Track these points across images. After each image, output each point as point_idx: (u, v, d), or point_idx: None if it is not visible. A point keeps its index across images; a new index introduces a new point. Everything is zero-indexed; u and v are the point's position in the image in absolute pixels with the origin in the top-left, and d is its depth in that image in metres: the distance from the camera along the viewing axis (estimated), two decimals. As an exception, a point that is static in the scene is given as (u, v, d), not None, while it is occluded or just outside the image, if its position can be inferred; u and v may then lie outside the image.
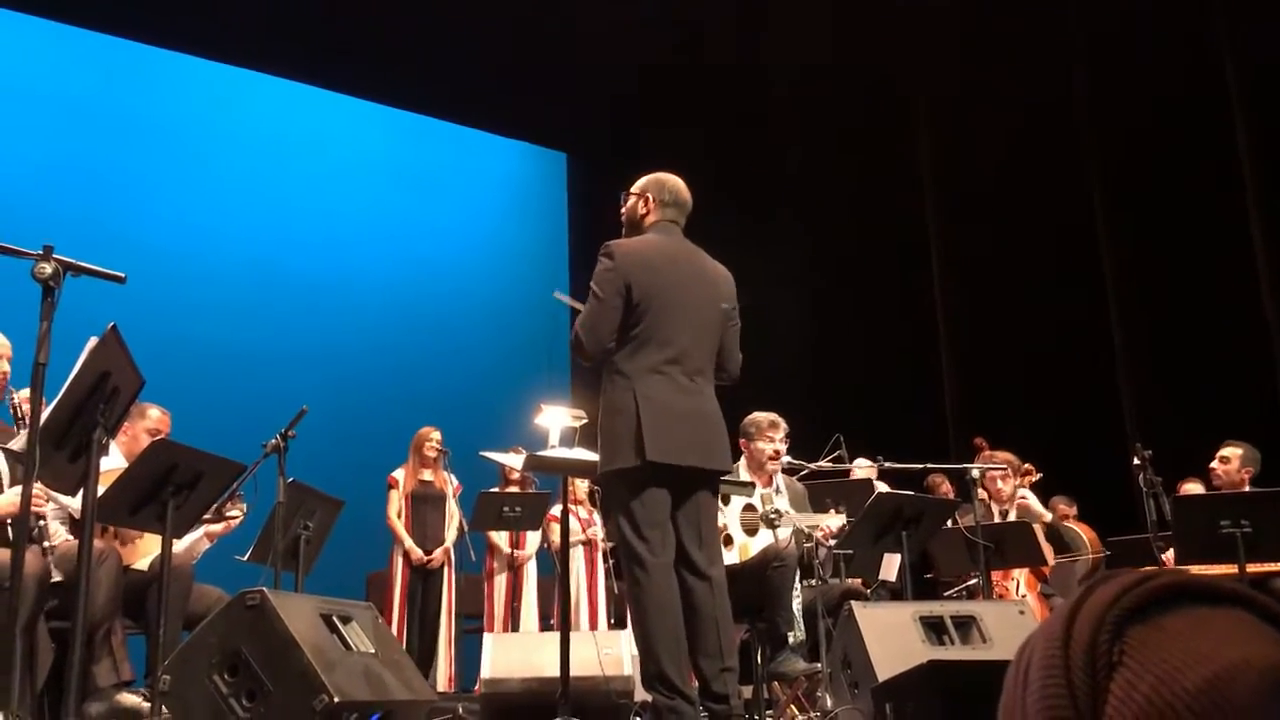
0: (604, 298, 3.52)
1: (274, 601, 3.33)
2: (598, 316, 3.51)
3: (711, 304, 3.68)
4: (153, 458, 3.61)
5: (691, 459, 3.49)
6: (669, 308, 3.54)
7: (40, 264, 2.68)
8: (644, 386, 3.46)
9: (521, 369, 9.25)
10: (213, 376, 7.71)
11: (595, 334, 3.51)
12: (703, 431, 3.54)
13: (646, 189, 3.79)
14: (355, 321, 9.02)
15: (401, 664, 3.79)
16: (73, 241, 2.92)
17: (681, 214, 3.77)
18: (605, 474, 3.51)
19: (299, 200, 9.14)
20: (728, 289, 3.77)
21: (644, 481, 3.44)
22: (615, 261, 3.56)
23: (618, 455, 3.45)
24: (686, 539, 3.53)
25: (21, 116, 8.00)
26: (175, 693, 3.24)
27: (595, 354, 3.53)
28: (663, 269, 3.59)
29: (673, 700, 3.34)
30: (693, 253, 3.74)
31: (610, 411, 3.51)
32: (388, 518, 6.64)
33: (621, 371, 3.52)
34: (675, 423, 3.46)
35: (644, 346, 3.50)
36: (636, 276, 3.52)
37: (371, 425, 7.85)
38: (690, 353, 3.57)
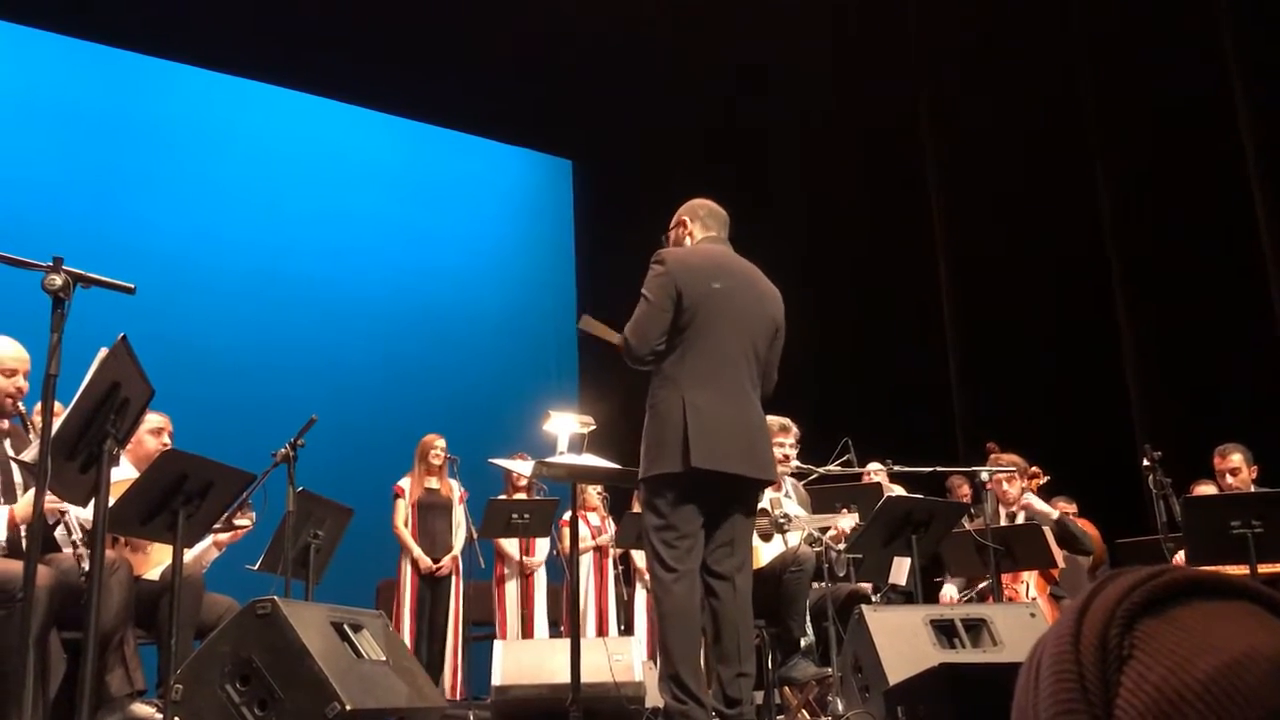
0: (654, 302, 3.54)
1: (285, 610, 3.34)
2: (647, 320, 3.54)
3: (760, 316, 3.70)
4: (163, 467, 3.62)
5: (736, 467, 3.50)
6: (718, 315, 3.56)
7: (50, 276, 2.69)
8: (691, 393, 3.48)
9: (529, 376, 9.26)
10: (222, 386, 7.73)
11: (643, 337, 3.54)
12: (748, 439, 3.56)
13: (682, 216, 3.84)
14: (363, 330, 9.04)
15: (412, 672, 3.80)
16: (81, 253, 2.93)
17: (723, 228, 3.81)
18: (647, 478, 3.52)
19: (307, 210, 9.17)
20: (776, 306, 3.80)
21: (685, 487, 3.46)
22: (666, 266, 3.58)
23: (661, 460, 3.47)
24: (719, 544, 3.54)
25: (29, 129, 8.03)
26: (188, 702, 3.26)
27: (643, 357, 3.56)
28: (713, 277, 3.62)
29: (685, 704, 3.35)
30: (744, 265, 3.77)
31: (656, 416, 3.52)
32: (395, 526, 6.65)
33: (669, 377, 3.53)
34: (721, 430, 3.47)
35: (691, 352, 3.52)
36: (687, 282, 3.55)
37: (380, 434, 7.87)
38: (738, 361, 3.59)
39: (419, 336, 9.28)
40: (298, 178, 9.21)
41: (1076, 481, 6.93)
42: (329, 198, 9.32)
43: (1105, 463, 7.48)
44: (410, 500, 6.70)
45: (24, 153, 7.95)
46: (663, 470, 3.46)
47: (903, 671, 3.46)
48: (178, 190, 8.61)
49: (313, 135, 9.45)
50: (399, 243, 9.57)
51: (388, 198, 9.66)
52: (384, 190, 9.67)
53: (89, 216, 7.84)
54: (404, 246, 9.58)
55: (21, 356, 3.87)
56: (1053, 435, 7.36)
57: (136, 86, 8.61)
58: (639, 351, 3.55)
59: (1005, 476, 5.90)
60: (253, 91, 9.15)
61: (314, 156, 9.38)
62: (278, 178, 9.11)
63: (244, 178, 8.94)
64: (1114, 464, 7.37)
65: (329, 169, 9.41)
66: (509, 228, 10.39)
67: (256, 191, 8.96)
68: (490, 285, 9.91)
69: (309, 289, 8.92)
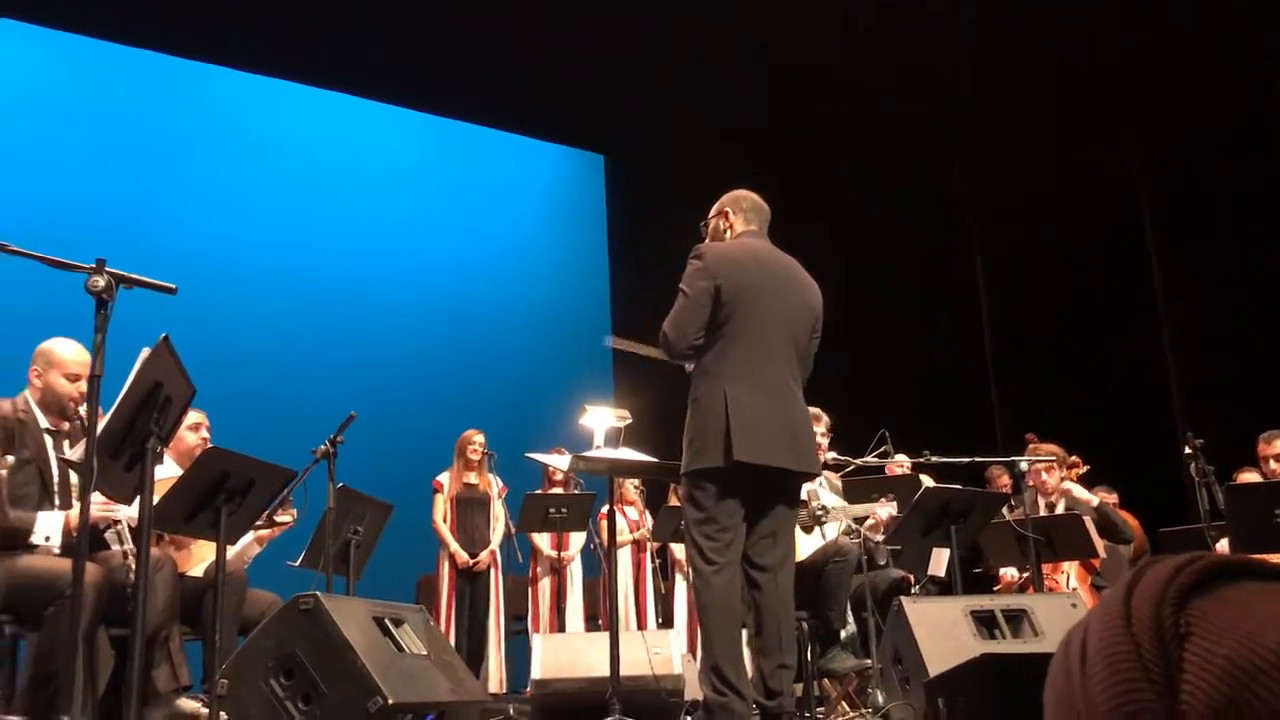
0: (692, 296, 3.54)
1: (327, 605, 3.38)
2: (685, 315, 3.55)
3: (800, 309, 3.70)
4: (205, 465, 3.67)
5: (779, 459, 3.50)
6: (758, 309, 3.56)
7: (94, 277, 2.73)
8: (733, 386, 3.48)
9: (563, 371, 9.28)
10: (261, 384, 7.81)
11: (682, 332, 3.54)
12: (790, 432, 3.56)
13: (724, 206, 3.84)
14: (399, 328, 9.10)
15: (453, 665, 3.83)
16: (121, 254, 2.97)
17: (763, 222, 3.81)
18: (689, 472, 3.52)
19: (341, 209, 9.24)
20: (815, 299, 3.79)
21: (727, 481, 3.46)
22: (705, 261, 3.59)
23: (703, 454, 3.47)
24: (761, 537, 3.55)
25: (69, 134, 8.14)
26: (233, 696, 3.30)
27: (681, 352, 3.56)
28: (752, 270, 3.61)
29: (725, 697, 3.36)
30: (783, 258, 3.77)
31: (698, 410, 3.53)
32: (433, 521, 6.69)
33: (710, 371, 3.54)
34: (763, 423, 3.47)
35: (732, 346, 3.53)
36: (726, 276, 3.55)
37: (417, 430, 7.91)
38: (778, 354, 3.60)
39: (454, 333, 9.32)
40: (331, 177, 9.28)
41: (1117, 471, 6.87)
42: (363, 197, 9.38)
43: (1146, 451, 7.40)
44: (449, 495, 6.74)
45: (64, 157, 8.06)
46: (705, 464, 3.47)
47: (943, 663, 3.44)
48: (212, 191, 8.70)
49: (345, 134, 9.52)
50: (433, 240, 9.62)
51: (420, 196, 9.72)
52: (416, 188, 9.73)
53: (127, 219, 7.93)
54: (437, 244, 9.63)
55: (85, 360, 3.94)
56: (1093, 424, 7.29)
57: (172, 89, 8.71)
58: (678, 346, 3.56)
59: (1044, 466, 5.85)
60: (285, 91, 9.23)
61: (347, 156, 9.44)
62: (311, 177, 9.18)
63: (278, 178, 9.02)
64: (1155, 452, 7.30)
65: (362, 168, 9.47)
66: (541, 223, 10.41)
67: (290, 191, 9.03)
68: (524, 281, 9.94)
69: (345, 288, 8.98)
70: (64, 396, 3.85)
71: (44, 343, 3.97)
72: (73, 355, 3.89)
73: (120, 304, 2.82)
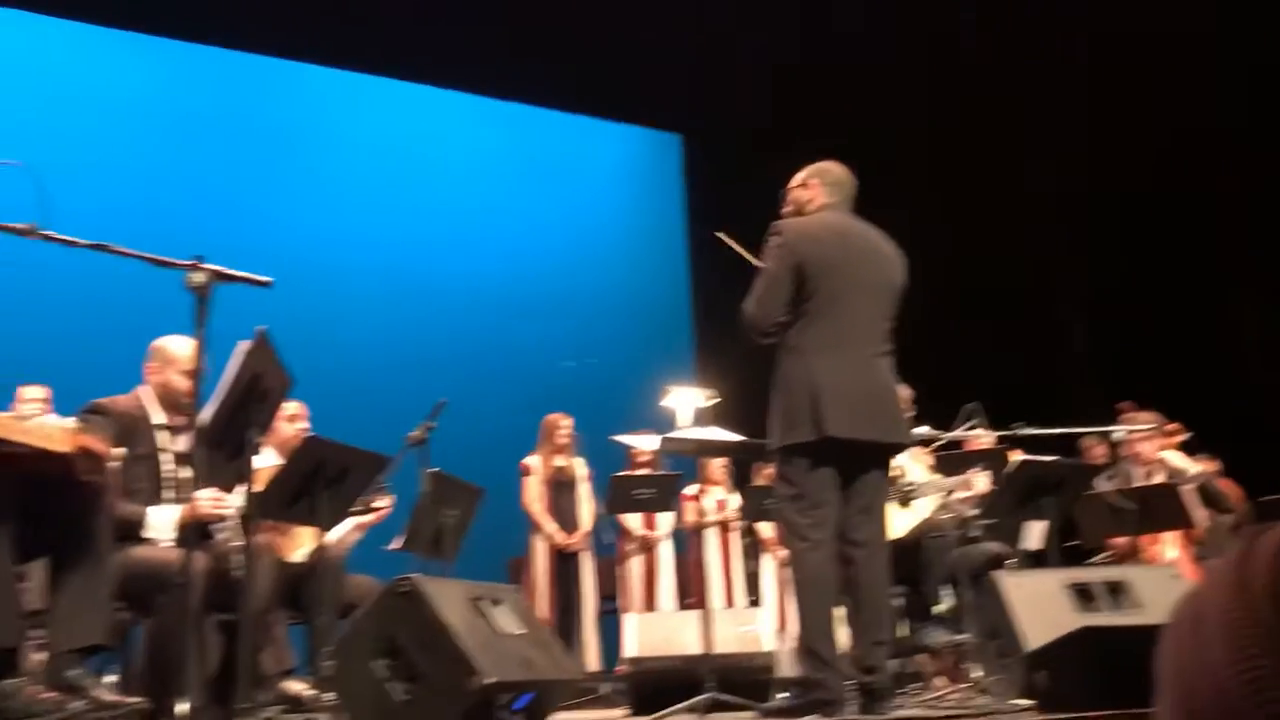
0: (773, 273, 3.55)
1: (425, 588, 3.44)
2: (767, 293, 3.55)
3: (884, 280, 3.68)
4: (303, 454, 3.76)
5: (869, 433, 3.49)
6: (842, 282, 3.55)
7: (192, 274, 2.82)
8: (820, 361, 3.48)
9: (644, 353, 9.29)
10: (354, 374, 7.94)
11: (765, 310, 3.55)
12: (880, 404, 3.55)
13: (808, 177, 3.81)
14: (481, 316, 9.18)
15: (550, 644, 3.88)
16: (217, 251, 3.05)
17: (847, 195, 3.78)
18: (778, 449, 3.53)
19: (418, 201, 9.35)
20: (898, 269, 3.76)
21: (818, 457, 3.46)
22: (785, 238, 3.58)
23: (793, 430, 3.48)
24: (855, 512, 3.55)
25: (162, 137, 8.38)
26: (339, 678, 3.39)
27: (764, 329, 3.56)
28: (834, 245, 3.60)
29: (820, 674, 3.37)
30: (865, 230, 3.75)
31: (785, 387, 3.53)
32: (526, 504, 6.76)
33: (795, 347, 3.54)
34: (853, 396, 3.46)
35: (818, 321, 3.52)
36: (808, 252, 3.54)
37: (503, 415, 7.98)
38: (865, 326, 3.59)
39: (535, 318, 9.39)
40: (408, 169, 9.40)
41: (1217, 439, 6.69)
42: (439, 187, 9.49)
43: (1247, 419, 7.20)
44: (539, 478, 6.81)
45: (160, 159, 8.30)
46: (795, 440, 3.47)
47: (1041, 636, 3.40)
48: (298, 187, 8.87)
49: (421, 125, 9.63)
50: (511, 228, 9.69)
51: (496, 184, 9.78)
52: (493, 176, 9.80)
53: (219, 216, 8.14)
54: (516, 232, 9.69)
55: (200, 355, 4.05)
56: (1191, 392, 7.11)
57: (250, 88, 8.91)
58: (761, 325, 3.56)
59: (1141, 436, 5.72)
60: (361, 84, 9.37)
61: (423, 146, 9.55)
62: (389, 170, 9.31)
63: (358, 172, 9.16)
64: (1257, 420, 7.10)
65: (437, 158, 9.58)
66: (619, 206, 10.43)
67: (370, 185, 9.17)
68: (602, 265, 9.97)
69: (427, 278, 9.10)
70: (180, 392, 3.95)
71: (158, 340, 4.07)
72: (188, 351, 4.00)
73: (220, 299, 2.90)
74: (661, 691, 4.35)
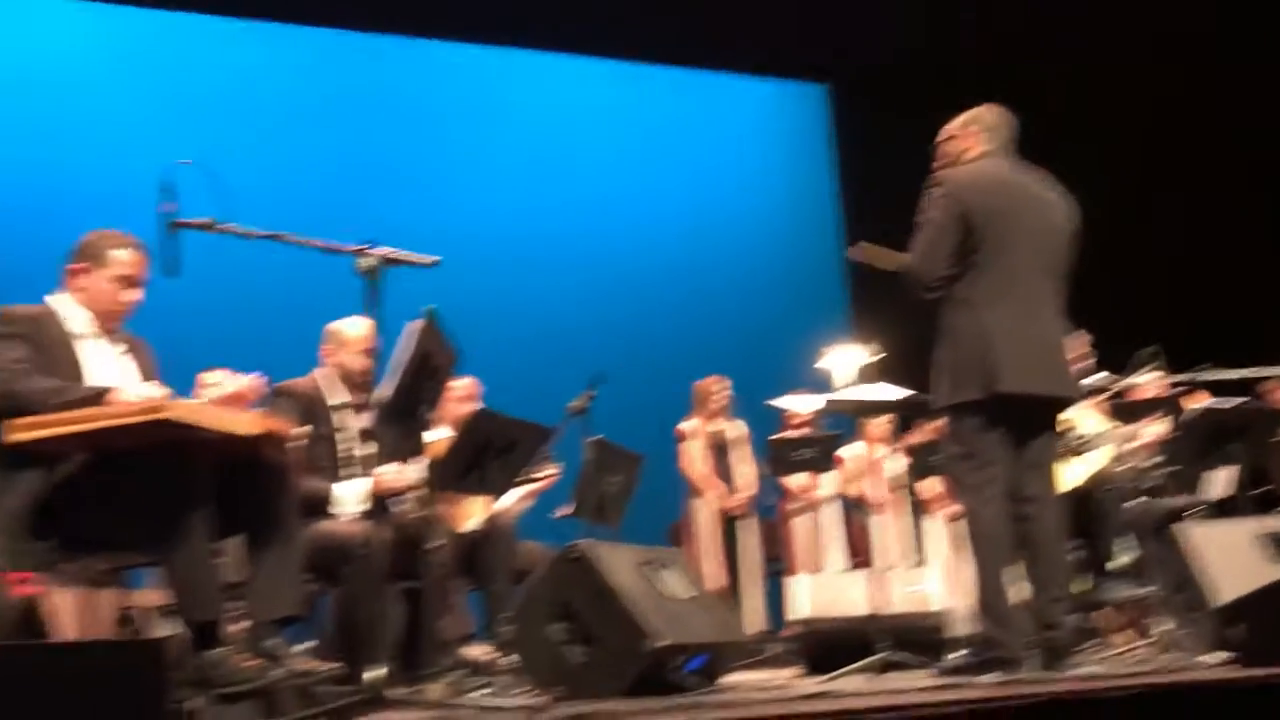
0: (936, 226, 3.47)
1: (594, 554, 3.52)
2: (931, 246, 3.47)
3: (1053, 227, 3.56)
4: (473, 428, 3.86)
5: (1041, 387, 3.41)
6: (1008, 231, 3.44)
7: (362, 258, 2.91)
8: (989, 314, 3.39)
9: (797, 313, 9.21)
10: (513, 346, 8.10)
11: (929, 264, 3.47)
12: (1050, 358, 3.46)
13: (961, 127, 3.70)
14: (632, 284, 9.21)
15: (718, 608, 3.92)
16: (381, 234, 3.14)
17: (1006, 140, 3.65)
18: (947, 407, 3.47)
19: (565, 170, 9.42)
20: (1068, 214, 3.63)
21: (988, 415, 3.39)
22: (946, 189, 3.49)
23: (962, 388, 3.41)
24: (1026, 468, 3.47)
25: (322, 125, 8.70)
26: (517, 642, 3.49)
27: (929, 284, 3.49)
28: (998, 192, 3.49)
29: (998, 631, 3.31)
30: (1029, 175, 3.62)
31: (952, 341, 3.46)
32: (686, 468, 6.80)
33: (962, 300, 3.46)
34: (1023, 350, 3.38)
35: (985, 273, 3.43)
36: (971, 202, 3.45)
37: (658, 381, 8.01)
38: (1034, 276, 3.48)
39: (686, 282, 9.38)
40: (552, 140, 9.47)
41: None
42: (585, 157, 9.54)
43: None
44: (697, 442, 6.83)
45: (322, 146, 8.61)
46: (964, 397, 3.39)
47: (1235, 589, 3.26)
48: (446, 165, 9.06)
49: (564, 95, 9.70)
50: (658, 193, 9.68)
51: (642, 149, 9.78)
52: (637, 142, 9.80)
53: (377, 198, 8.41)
54: (663, 196, 9.68)
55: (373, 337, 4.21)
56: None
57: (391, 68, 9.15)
58: (926, 279, 3.47)
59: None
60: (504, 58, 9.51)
61: (566, 117, 9.61)
62: (537, 142, 9.41)
63: (503, 146, 9.29)
64: None
65: (581, 127, 9.62)
66: (764, 163, 10.29)
67: (520, 158, 9.30)
68: (751, 224, 9.88)
69: (577, 249, 9.19)
70: (356, 373, 4.12)
71: (333, 322, 4.26)
72: (362, 333, 4.17)
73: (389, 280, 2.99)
74: (832, 652, 4.33)
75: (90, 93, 8.13)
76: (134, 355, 3.26)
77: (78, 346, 3.09)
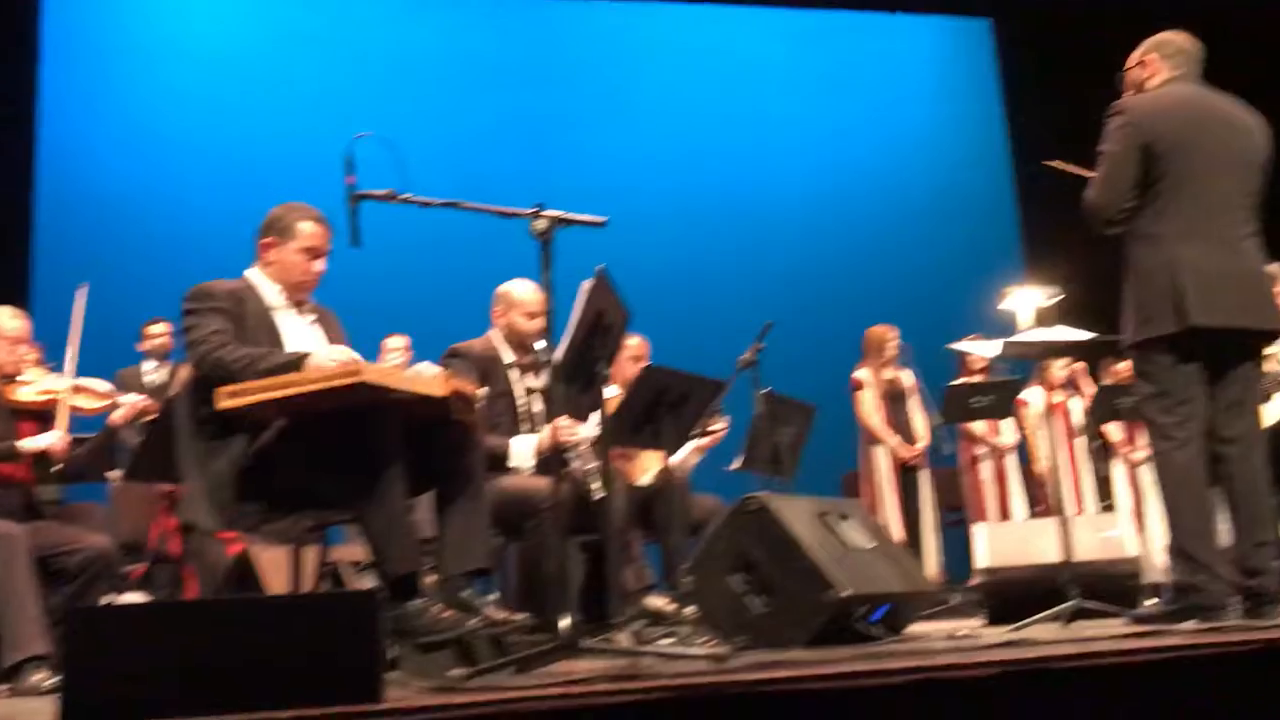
0: (1117, 156, 3.31)
1: (772, 506, 3.53)
2: (1112, 177, 3.32)
3: (1245, 153, 3.36)
4: (645, 383, 3.92)
5: (1238, 319, 3.23)
6: (1196, 159, 3.27)
7: (535, 222, 2.97)
8: (1178, 247, 3.24)
9: (967, 257, 8.94)
10: (681, 301, 8.15)
11: (1110, 196, 3.32)
12: (1248, 288, 3.27)
13: (1145, 53, 3.52)
14: (799, 232, 9.13)
15: (900, 557, 3.88)
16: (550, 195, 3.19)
17: (1193, 65, 3.46)
18: (1136, 344, 3.33)
19: (723, 120, 9.37)
20: (1262, 139, 3.42)
21: (1181, 350, 3.24)
22: (1128, 116, 3.33)
23: (1151, 323, 3.26)
24: (1225, 406, 3.30)
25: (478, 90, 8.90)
26: (698, 593, 3.54)
27: (1112, 218, 3.34)
28: (1184, 119, 3.31)
29: (1196, 577, 3.17)
30: (1219, 100, 3.42)
31: (1140, 277, 3.31)
32: (863, 418, 6.71)
33: (1148, 234, 3.30)
34: (1217, 281, 3.21)
35: (1172, 203, 3.27)
36: (1154, 130, 3.28)
37: (829, 330, 7.92)
38: (1225, 205, 3.30)
39: (853, 230, 9.23)
40: (712, 91, 9.44)
41: None
42: (742, 105, 9.47)
43: None
44: (871, 391, 6.74)
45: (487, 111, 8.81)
46: (1155, 333, 3.24)
47: None
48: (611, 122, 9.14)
49: (717, 44, 9.63)
50: (822, 139, 9.53)
51: (805, 96, 9.64)
52: (800, 89, 9.66)
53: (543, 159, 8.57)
54: (828, 142, 9.52)
55: (541, 298, 4.32)
56: None
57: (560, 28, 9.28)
58: (1107, 213, 3.32)
59: None
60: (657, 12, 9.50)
61: (728, 67, 9.55)
62: (692, 94, 9.39)
63: (666, 100, 9.31)
64: None
65: (744, 77, 9.56)
66: (928, 103, 9.98)
67: (679, 112, 9.30)
68: (918, 167, 9.62)
69: (743, 199, 9.15)
70: (525, 334, 4.25)
71: (502, 285, 4.38)
72: (530, 295, 4.28)
73: (560, 241, 3.04)
74: (1018, 601, 4.23)
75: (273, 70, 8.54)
76: (322, 325, 3.41)
77: (275, 318, 3.26)
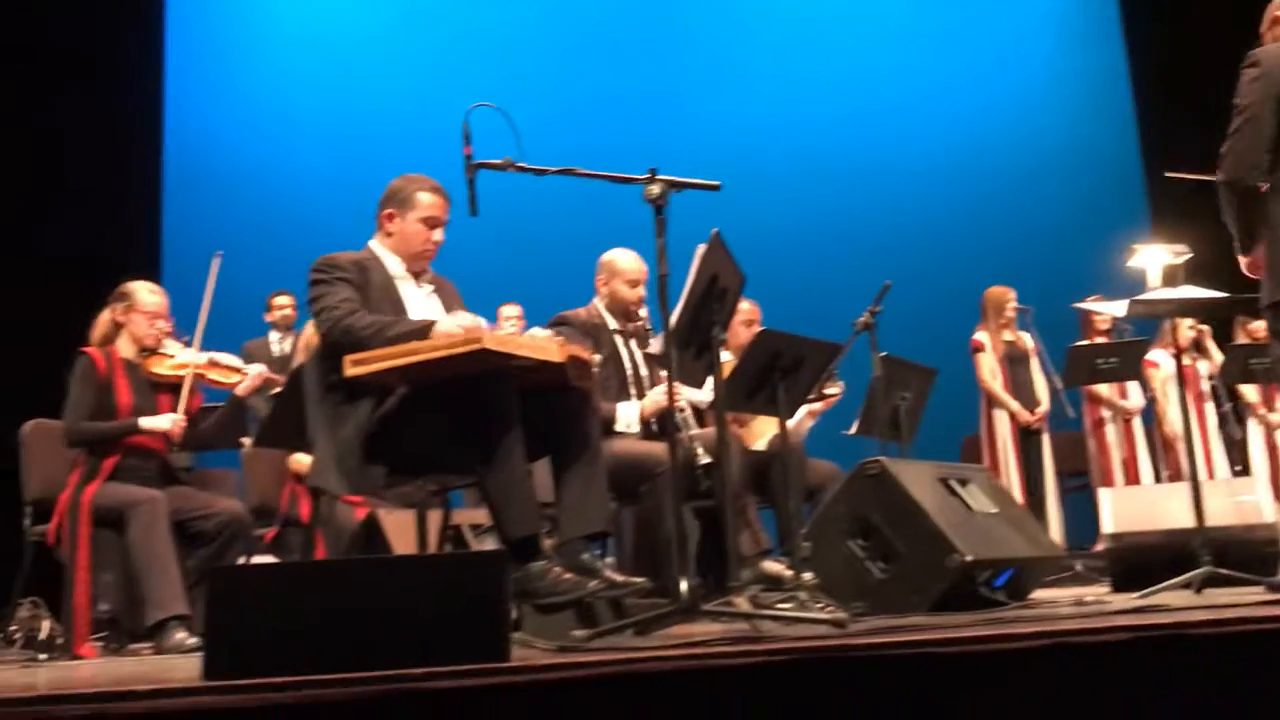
0: (1252, 109, 3.14)
1: (893, 470, 3.49)
2: (1247, 132, 3.15)
3: None
4: (759, 347, 3.89)
5: None
6: None
7: (649, 187, 2.96)
8: None
9: (1090, 215, 8.64)
10: (795, 264, 8.08)
11: (1244, 155, 3.15)
12: None
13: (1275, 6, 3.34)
14: (916, 192, 8.93)
15: (1025, 522, 3.80)
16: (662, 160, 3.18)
17: None
18: (1272, 305, 3.19)
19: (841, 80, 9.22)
20: None
21: None
22: (1263, 68, 3.16)
23: None
24: None
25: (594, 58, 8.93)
26: (817, 558, 3.52)
27: (1245, 178, 3.16)
28: None
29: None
30: None
31: (1275, 235, 3.16)
32: (982, 381, 6.58)
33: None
34: None
35: None
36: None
37: (948, 291, 7.75)
38: None
39: (971, 188, 8.99)
40: (822, 51, 9.29)
41: None
42: (863, 66, 9.28)
43: None
44: (994, 354, 6.59)
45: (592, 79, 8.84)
46: None
47: None
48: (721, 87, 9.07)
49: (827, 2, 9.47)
50: (942, 96, 9.28)
51: (923, 53, 9.39)
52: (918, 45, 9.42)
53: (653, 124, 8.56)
54: (947, 99, 9.27)
55: (642, 267, 4.36)
56: None
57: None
58: (1241, 173, 3.15)
59: None
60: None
61: (833, 25, 9.38)
62: (806, 55, 9.25)
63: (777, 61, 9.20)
64: None
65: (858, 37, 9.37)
66: (1048, 57, 9.64)
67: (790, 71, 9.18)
68: (1036, 124, 9.31)
69: (858, 159, 8.99)
70: (627, 301, 4.28)
71: (606, 254, 4.42)
72: (631, 264, 4.30)
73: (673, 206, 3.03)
74: (1144, 568, 4.11)
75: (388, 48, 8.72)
76: (440, 294, 3.47)
77: (399, 287, 3.33)
